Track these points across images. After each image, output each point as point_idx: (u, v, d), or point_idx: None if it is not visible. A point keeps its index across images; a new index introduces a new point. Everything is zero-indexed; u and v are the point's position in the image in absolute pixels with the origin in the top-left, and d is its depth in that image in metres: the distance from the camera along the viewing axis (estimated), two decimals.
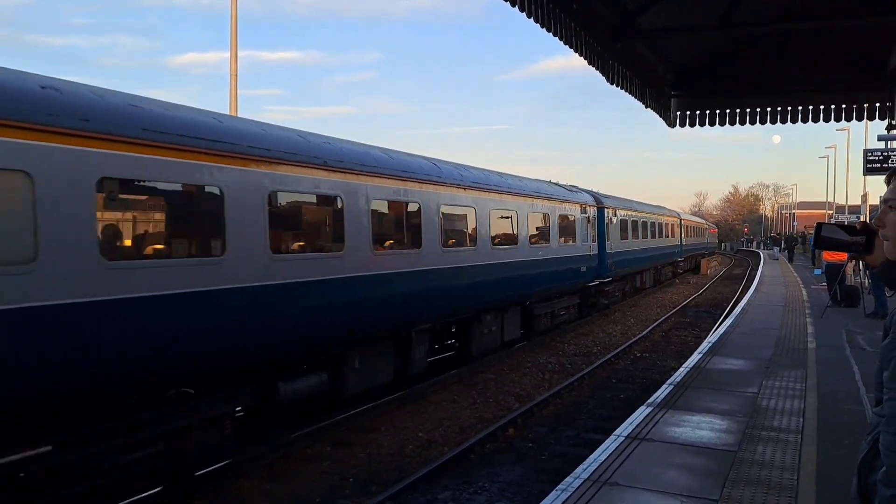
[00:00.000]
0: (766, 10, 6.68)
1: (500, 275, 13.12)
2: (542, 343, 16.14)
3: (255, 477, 7.53)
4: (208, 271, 6.66)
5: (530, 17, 5.10)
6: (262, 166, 7.37)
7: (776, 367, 9.83)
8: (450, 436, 9.07)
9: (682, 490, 5.21)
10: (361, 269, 8.90)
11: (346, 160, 8.84)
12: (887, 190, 1.89)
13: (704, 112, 8.36)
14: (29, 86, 5.34)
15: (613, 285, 22.26)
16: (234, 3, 15.78)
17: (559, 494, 5.15)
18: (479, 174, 13.10)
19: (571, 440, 8.96)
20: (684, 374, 9.43)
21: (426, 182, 10.69)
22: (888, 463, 1.62)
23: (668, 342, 17.05)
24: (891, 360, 1.69)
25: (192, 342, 6.49)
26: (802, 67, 7.89)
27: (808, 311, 16.75)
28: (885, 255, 1.91)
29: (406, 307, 10.09)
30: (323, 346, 8.61)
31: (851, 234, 2.11)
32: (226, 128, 7.20)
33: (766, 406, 7.68)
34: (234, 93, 16.11)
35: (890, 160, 19.48)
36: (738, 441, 6.41)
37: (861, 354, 10.62)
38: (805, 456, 5.97)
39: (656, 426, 6.89)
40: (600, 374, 13.05)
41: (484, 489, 7.22)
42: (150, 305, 6.00)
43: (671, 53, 7.72)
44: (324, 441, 8.72)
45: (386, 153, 10.12)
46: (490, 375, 12.71)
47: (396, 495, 6.88)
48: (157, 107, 6.56)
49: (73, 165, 5.44)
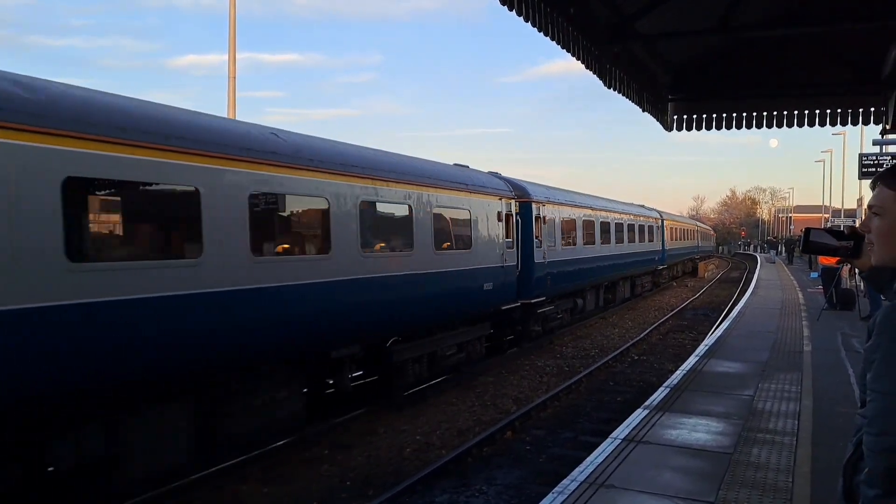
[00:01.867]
0: (762, 15, 6.71)
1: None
2: (539, 346, 16.15)
3: (253, 479, 7.53)
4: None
5: (527, 21, 5.12)
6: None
7: (772, 370, 9.86)
8: (448, 438, 9.08)
9: (679, 492, 5.23)
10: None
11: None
12: (872, 196, 1.92)
13: (701, 116, 8.39)
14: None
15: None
16: (232, 5, 15.81)
17: (556, 497, 5.17)
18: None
19: (569, 443, 8.98)
20: (681, 376, 9.46)
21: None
22: (870, 464, 1.65)
23: (666, 345, 17.08)
24: (872, 361, 1.72)
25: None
26: (799, 72, 7.93)
27: (804, 314, 16.81)
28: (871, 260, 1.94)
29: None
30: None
31: (840, 238, 2.13)
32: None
33: (762, 409, 7.71)
34: (232, 95, 16.12)
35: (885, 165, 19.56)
36: (733, 443, 6.44)
37: (856, 357, 10.65)
38: (800, 458, 6.01)
39: (653, 429, 6.91)
40: (598, 377, 13.07)
41: (482, 492, 7.23)
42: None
43: (668, 57, 7.75)
44: (322, 443, 8.73)
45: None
46: (488, 378, 12.73)
47: (394, 498, 6.89)
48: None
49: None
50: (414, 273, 10.30)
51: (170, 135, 6.46)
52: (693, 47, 7.60)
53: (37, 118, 5.33)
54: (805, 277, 29.17)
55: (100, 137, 5.76)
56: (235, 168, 7.17)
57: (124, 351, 5.93)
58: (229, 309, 6.96)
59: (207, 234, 6.78)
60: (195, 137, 6.79)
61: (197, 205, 6.66)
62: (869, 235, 1.92)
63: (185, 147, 6.57)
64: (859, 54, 7.38)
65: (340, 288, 8.63)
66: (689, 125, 8.44)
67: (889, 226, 1.84)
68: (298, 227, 9.04)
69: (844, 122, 7.98)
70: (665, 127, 8.45)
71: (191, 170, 6.66)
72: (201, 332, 6.71)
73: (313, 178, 8.31)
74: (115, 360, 5.87)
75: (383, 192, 9.73)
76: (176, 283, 6.38)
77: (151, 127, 6.35)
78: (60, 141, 5.47)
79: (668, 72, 7.99)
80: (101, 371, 5.79)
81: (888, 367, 1.67)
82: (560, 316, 17.88)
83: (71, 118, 5.62)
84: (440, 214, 11.21)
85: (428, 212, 10.74)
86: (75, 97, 5.95)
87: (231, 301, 6.97)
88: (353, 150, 9.67)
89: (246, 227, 7.22)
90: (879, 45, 7.02)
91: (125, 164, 6.02)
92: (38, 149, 5.32)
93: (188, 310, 6.52)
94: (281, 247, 8.21)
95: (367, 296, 9.12)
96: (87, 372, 5.66)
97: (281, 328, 7.71)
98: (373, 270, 9.24)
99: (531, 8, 5.09)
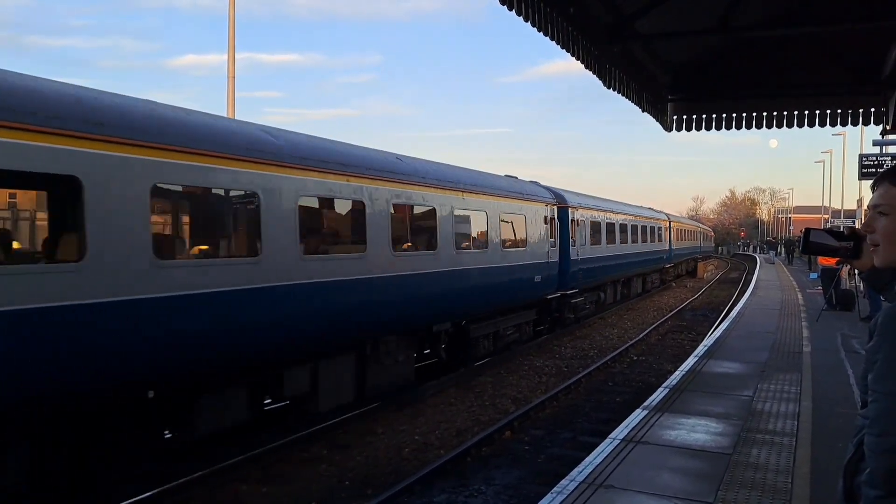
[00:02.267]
0: (762, 15, 6.71)
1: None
2: (538, 346, 16.16)
3: (251, 479, 7.52)
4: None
5: (527, 20, 5.12)
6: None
7: (771, 371, 9.86)
8: (447, 438, 9.07)
9: (677, 493, 5.22)
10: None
11: None
12: (874, 195, 1.91)
13: (701, 116, 8.39)
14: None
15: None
16: (231, 5, 15.81)
17: (555, 497, 5.16)
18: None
19: (568, 443, 8.97)
20: (680, 377, 9.45)
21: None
22: (872, 465, 1.64)
23: (665, 345, 17.07)
24: (874, 362, 1.71)
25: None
26: (799, 72, 7.93)
27: (803, 314, 16.80)
28: (874, 261, 1.93)
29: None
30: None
31: (839, 239, 2.12)
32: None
33: (762, 409, 7.70)
34: (231, 95, 16.12)
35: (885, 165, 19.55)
36: (732, 444, 6.43)
37: (856, 358, 10.64)
38: (799, 459, 6.00)
39: (652, 429, 6.90)
40: (597, 377, 13.06)
41: (480, 492, 7.22)
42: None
43: (668, 57, 7.74)
44: (321, 443, 8.72)
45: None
46: (487, 378, 12.72)
47: (393, 497, 6.88)
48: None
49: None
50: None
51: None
52: (693, 47, 7.60)
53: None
54: (804, 278, 29.17)
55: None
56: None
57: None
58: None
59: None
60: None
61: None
62: (872, 236, 1.90)
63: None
64: (859, 54, 7.38)
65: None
66: (689, 125, 8.44)
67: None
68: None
69: (844, 122, 7.98)
70: (665, 127, 8.45)
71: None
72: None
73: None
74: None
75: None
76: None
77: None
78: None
79: (668, 72, 7.98)
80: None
81: (890, 368, 1.67)
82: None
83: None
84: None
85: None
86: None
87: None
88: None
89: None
90: (879, 45, 7.02)
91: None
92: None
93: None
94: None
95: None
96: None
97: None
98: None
99: (531, 7, 5.09)
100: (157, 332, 6.20)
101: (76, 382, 5.61)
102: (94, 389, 5.84)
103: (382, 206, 9.58)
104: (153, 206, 6.30)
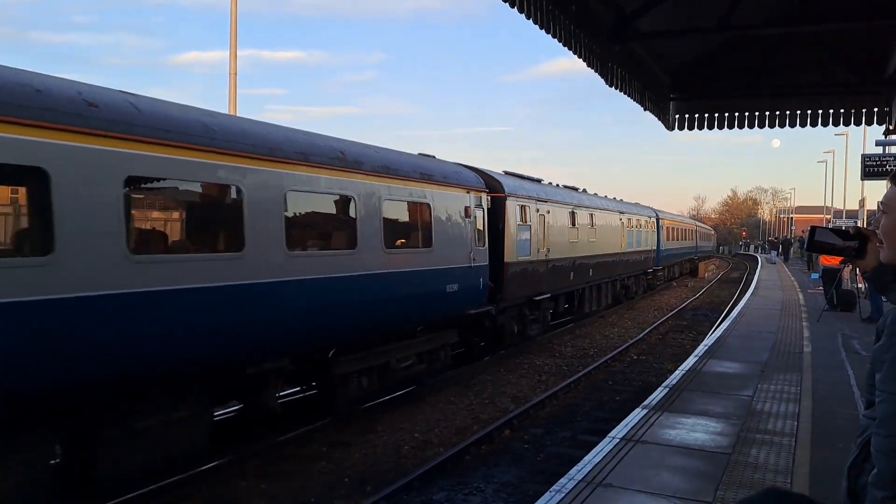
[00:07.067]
0: (764, 14, 6.69)
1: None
2: (538, 345, 16.14)
3: (250, 476, 7.52)
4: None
5: (529, 18, 5.11)
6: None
7: (772, 371, 9.84)
8: (446, 437, 9.07)
9: (676, 492, 5.22)
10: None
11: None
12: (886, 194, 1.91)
13: (703, 115, 8.38)
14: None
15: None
16: (233, 2, 15.78)
17: (553, 495, 5.16)
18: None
19: (567, 441, 8.97)
20: (680, 376, 9.44)
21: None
22: (879, 465, 1.63)
23: (665, 345, 17.06)
24: (883, 362, 1.70)
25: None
26: (801, 71, 7.92)
27: (804, 314, 16.78)
28: (879, 259, 1.92)
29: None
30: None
31: (845, 238, 2.11)
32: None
33: (761, 409, 7.69)
34: (233, 92, 16.11)
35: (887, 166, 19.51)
36: (732, 444, 6.43)
37: (856, 359, 10.63)
38: (799, 459, 5.99)
39: (651, 428, 6.90)
40: (597, 377, 13.05)
41: (479, 490, 7.22)
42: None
43: (670, 56, 7.73)
44: (320, 441, 8.72)
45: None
46: (487, 377, 12.72)
47: (392, 495, 6.88)
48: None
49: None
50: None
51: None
52: (694, 46, 7.59)
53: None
54: (805, 278, 29.15)
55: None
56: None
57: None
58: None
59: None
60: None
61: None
62: (879, 234, 1.90)
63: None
64: (861, 54, 7.36)
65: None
66: (691, 124, 8.43)
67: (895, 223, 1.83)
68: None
69: (847, 122, 7.97)
70: (666, 126, 8.44)
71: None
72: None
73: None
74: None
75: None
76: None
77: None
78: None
79: (670, 71, 7.97)
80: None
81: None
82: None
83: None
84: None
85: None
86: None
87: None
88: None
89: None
90: (882, 44, 7.01)
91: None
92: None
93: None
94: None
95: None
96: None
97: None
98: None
99: (533, 5, 5.08)
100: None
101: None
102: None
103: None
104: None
